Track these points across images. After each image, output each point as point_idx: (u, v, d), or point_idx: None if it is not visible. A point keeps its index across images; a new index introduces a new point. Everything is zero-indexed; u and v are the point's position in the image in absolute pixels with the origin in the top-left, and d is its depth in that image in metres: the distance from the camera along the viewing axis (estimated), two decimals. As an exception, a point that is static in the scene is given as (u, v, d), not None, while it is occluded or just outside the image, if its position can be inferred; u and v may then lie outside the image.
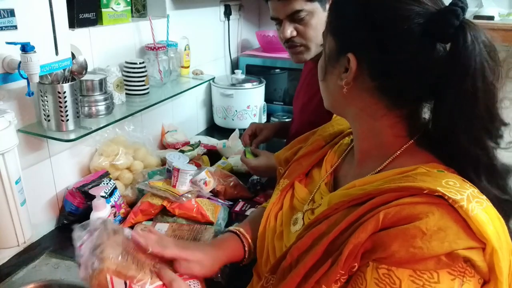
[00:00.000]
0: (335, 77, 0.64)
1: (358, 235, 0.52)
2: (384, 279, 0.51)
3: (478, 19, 1.70)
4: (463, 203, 0.50)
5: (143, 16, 1.43)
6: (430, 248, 0.48)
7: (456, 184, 0.53)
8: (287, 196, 0.80)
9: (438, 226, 0.49)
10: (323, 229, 0.58)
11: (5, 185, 0.83)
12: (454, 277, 0.49)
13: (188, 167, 1.15)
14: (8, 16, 0.82)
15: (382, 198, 0.54)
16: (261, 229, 0.79)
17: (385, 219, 0.51)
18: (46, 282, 0.92)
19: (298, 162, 0.84)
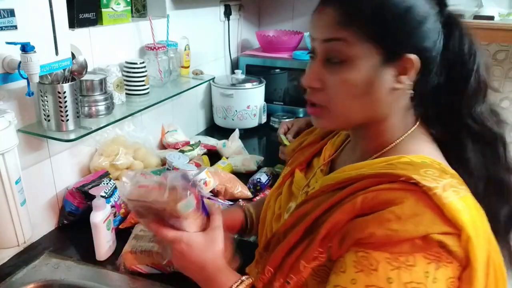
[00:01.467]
0: (387, 83, 0.61)
1: (336, 215, 0.56)
2: (362, 261, 0.54)
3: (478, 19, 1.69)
4: (437, 190, 0.52)
5: (143, 16, 1.43)
6: (404, 231, 0.51)
7: (435, 173, 0.55)
8: (287, 182, 0.83)
9: (413, 212, 0.52)
10: (308, 208, 0.62)
11: (5, 185, 0.83)
12: (430, 261, 0.52)
13: (188, 167, 1.15)
14: (8, 16, 0.82)
15: (362, 183, 0.58)
16: (262, 213, 0.84)
17: (363, 203, 0.55)
18: (46, 282, 0.92)
19: (301, 151, 0.87)
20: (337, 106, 0.63)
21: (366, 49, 0.59)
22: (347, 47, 0.59)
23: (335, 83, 0.62)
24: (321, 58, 0.63)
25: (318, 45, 0.63)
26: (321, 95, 0.64)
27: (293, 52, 1.95)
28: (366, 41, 0.59)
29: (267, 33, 2.08)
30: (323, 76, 0.63)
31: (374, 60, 0.59)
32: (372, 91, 0.61)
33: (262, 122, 1.87)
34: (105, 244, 1.00)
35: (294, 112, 1.95)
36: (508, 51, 1.97)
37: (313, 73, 0.64)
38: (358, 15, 0.59)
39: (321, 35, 0.62)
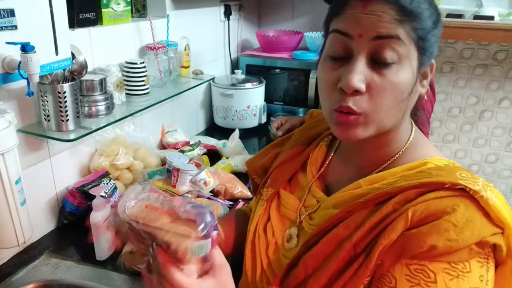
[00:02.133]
0: (419, 87, 0.61)
1: (388, 235, 0.53)
2: (417, 275, 0.52)
3: (478, 19, 1.70)
4: (483, 193, 0.52)
5: (143, 16, 1.43)
6: (464, 239, 0.50)
7: (468, 175, 0.55)
8: (273, 205, 0.75)
9: (466, 218, 0.51)
10: (343, 234, 0.57)
11: (5, 185, 0.83)
12: (482, 264, 0.52)
13: (188, 167, 1.15)
14: (8, 16, 0.82)
15: (404, 196, 0.55)
16: (249, 245, 0.74)
17: (414, 216, 0.52)
18: (46, 282, 0.92)
19: (280, 168, 0.79)
20: (380, 112, 0.57)
21: (412, 51, 0.56)
22: (400, 46, 0.55)
23: (384, 86, 0.55)
24: (367, 57, 0.56)
25: (364, 42, 0.55)
26: (363, 100, 0.56)
27: (293, 52, 1.95)
28: (412, 42, 0.56)
29: (267, 33, 2.08)
30: (369, 77, 0.55)
31: (416, 63, 0.57)
32: (411, 96, 0.59)
33: (262, 122, 1.87)
34: (105, 244, 1.00)
35: (294, 112, 1.95)
36: (508, 51, 1.97)
37: (359, 73, 0.55)
38: (413, 14, 0.55)
39: (373, 31, 0.55)
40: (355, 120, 0.57)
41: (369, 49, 0.56)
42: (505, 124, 2.10)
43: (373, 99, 0.56)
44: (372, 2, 0.55)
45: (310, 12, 2.21)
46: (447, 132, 2.21)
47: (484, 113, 2.11)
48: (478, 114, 2.11)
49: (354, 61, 0.56)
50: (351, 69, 0.55)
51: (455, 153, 2.24)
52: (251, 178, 0.92)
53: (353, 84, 0.55)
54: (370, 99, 0.56)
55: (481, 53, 2.01)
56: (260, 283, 0.70)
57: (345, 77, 0.56)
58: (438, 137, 2.24)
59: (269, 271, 0.69)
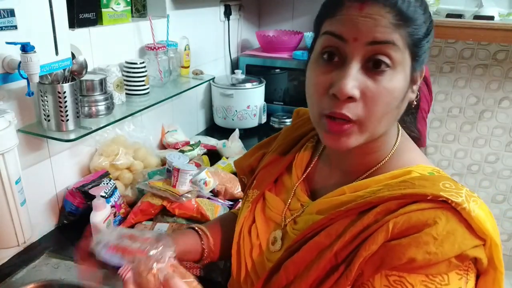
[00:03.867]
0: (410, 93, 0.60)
1: (368, 247, 0.52)
2: (396, 286, 0.51)
3: (478, 19, 1.70)
4: (465, 205, 0.51)
5: (143, 16, 1.43)
6: (443, 253, 0.50)
7: (452, 186, 0.54)
8: (258, 207, 0.74)
9: (446, 230, 0.50)
10: (324, 243, 0.57)
11: (5, 185, 0.83)
12: (461, 276, 0.52)
13: (188, 167, 1.15)
14: (8, 16, 0.82)
15: (386, 206, 0.54)
16: (234, 246, 0.73)
17: (395, 228, 0.52)
18: (46, 282, 0.92)
19: (266, 169, 0.77)
20: (374, 119, 0.55)
21: (406, 56, 0.55)
22: (395, 52, 0.53)
23: (378, 93, 0.53)
24: (361, 62, 0.54)
25: (359, 47, 0.53)
26: (357, 107, 0.54)
27: (293, 52, 1.95)
28: (407, 48, 0.54)
29: (267, 33, 2.08)
30: (363, 84, 0.53)
31: (409, 69, 0.56)
32: (403, 102, 0.58)
33: (262, 122, 1.87)
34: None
35: (294, 112, 1.95)
36: (508, 51, 1.97)
37: (353, 79, 0.53)
38: (410, 19, 0.53)
39: (369, 36, 0.52)
40: (349, 129, 0.55)
41: (364, 54, 0.53)
42: (505, 124, 2.10)
43: (367, 106, 0.54)
44: (369, 4, 0.53)
45: (310, 12, 2.21)
46: (447, 132, 2.21)
47: (484, 113, 2.11)
48: (478, 114, 2.11)
49: (347, 66, 0.54)
50: (344, 75, 0.53)
51: (455, 153, 2.24)
52: (239, 178, 0.91)
53: (347, 91, 0.52)
54: (364, 106, 0.54)
55: (481, 53, 2.01)
56: (245, 285, 0.70)
57: (338, 82, 0.53)
58: (438, 137, 2.24)
59: (252, 273, 0.69)
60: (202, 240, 0.79)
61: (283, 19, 2.25)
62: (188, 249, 0.76)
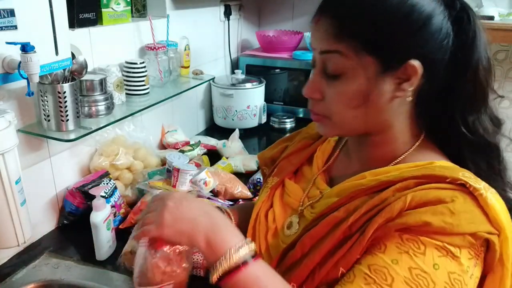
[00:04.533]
0: (387, 93, 0.59)
1: (384, 215, 0.54)
2: (407, 243, 0.52)
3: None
4: (483, 191, 0.53)
5: (143, 16, 1.43)
6: (459, 225, 0.51)
7: (471, 176, 0.56)
8: (277, 193, 0.78)
9: (463, 209, 0.52)
10: (341, 216, 0.59)
11: (5, 185, 0.83)
12: (471, 257, 0.53)
13: (188, 167, 1.16)
14: (8, 16, 0.82)
15: (404, 184, 0.56)
16: (250, 230, 0.76)
17: (412, 201, 0.53)
18: (46, 282, 0.92)
19: (288, 160, 0.82)
20: (337, 116, 0.62)
21: (362, 61, 0.57)
22: (343, 60, 0.58)
23: (333, 95, 0.61)
24: (320, 69, 0.62)
25: (317, 56, 0.62)
26: (321, 105, 0.63)
27: (293, 52, 1.95)
28: (362, 52, 0.57)
29: (267, 33, 2.08)
30: (322, 87, 0.62)
31: (371, 71, 0.58)
32: (370, 102, 0.59)
33: (262, 122, 1.87)
34: (105, 244, 1.00)
35: (294, 112, 1.95)
36: (508, 51, 1.97)
37: (312, 84, 0.63)
38: (352, 27, 0.57)
39: (318, 46, 0.61)
40: (320, 119, 0.65)
41: (320, 61, 0.62)
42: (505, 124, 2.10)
43: (327, 105, 0.62)
44: (319, 18, 0.61)
45: (310, 12, 2.18)
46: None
47: (484, 113, 2.11)
48: (478, 114, 2.11)
49: (313, 73, 0.64)
50: (308, 80, 0.64)
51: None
52: (261, 169, 0.94)
53: (305, 93, 0.64)
54: (325, 105, 0.63)
55: (481, 53, 2.01)
56: None
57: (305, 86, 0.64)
58: (438, 137, 2.23)
59: (266, 255, 0.71)
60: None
61: (283, 19, 2.25)
62: None
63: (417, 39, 0.57)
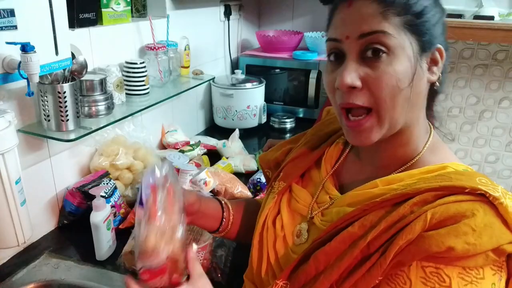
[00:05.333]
0: (425, 74, 0.60)
1: (404, 236, 0.52)
2: (432, 278, 0.51)
3: (478, 19, 1.70)
4: (502, 200, 0.52)
5: (143, 16, 1.43)
6: (482, 244, 0.50)
7: (488, 182, 0.55)
8: (284, 199, 0.75)
9: (484, 223, 0.51)
10: (357, 233, 0.57)
11: (5, 185, 0.83)
12: (495, 272, 0.52)
13: (188, 167, 1.16)
14: (8, 16, 0.82)
15: (422, 198, 0.54)
16: (257, 236, 0.74)
17: (433, 218, 0.52)
18: (46, 282, 0.92)
19: (294, 163, 0.79)
20: (384, 104, 0.57)
21: (405, 39, 0.57)
22: (387, 39, 0.56)
23: (379, 77, 0.56)
24: (356, 56, 0.58)
25: (352, 43, 0.57)
26: (364, 95, 0.58)
27: (293, 52, 1.95)
28: (404, 31, 0.56)
29: (267, 33, 2.08)
30: (363, 73, 0.57)
31: (412, 50, 0.57)
32: (414, 83, 0.58)
33: (262, 122, 1.87)
34: (105, 244, 1.00)
35: (294, 112, 1.95)
36: (508, 51, 1.97)
37: (350, 71, 0.57)
38: (397, 5, 0.56)
39: (357, 30, 0.57)
40: (367, 123, 0.59)
41: (358, 47, 0.57)
42: (505, 124, 2.10)
43: (372, 91, 0.57)
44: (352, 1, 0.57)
45: (310, 12, 2.21)
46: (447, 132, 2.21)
47: (484, 113, 2.11)
48: (478, 114, 2.11)
49: (346, 61, 0.58)
50: (343, 69, 0.58)
51: (455, 153, 2.24)
52: (263, 172, 0.92)
53: (345, 81, 0.57)
54: (369, 92, 0.57)
55: (481, 53, 2.01)
56: (266, 276, 0.70)
57: (338, 77, 0.58)
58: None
59: (275, 265, 0.69)
60: (224, 211, 0.82)
61: (283, 19, 2.25)
62: (207, 212, 0.79)
63: (442, 26, 0.60)
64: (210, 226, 0.81)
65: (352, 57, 0.58)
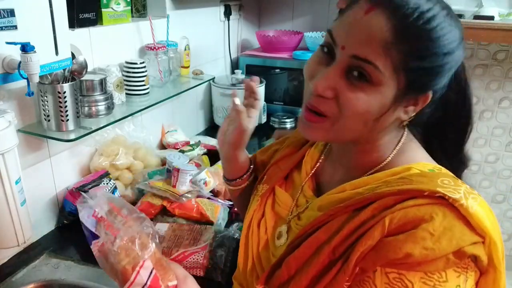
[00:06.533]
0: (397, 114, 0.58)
1: (364, 242, 0.52)
2: (396, 283, 0.51)
3: (478, 19, 1.70)
4: (463, 201, 0.51)
5: (143, 16, 1.43)
6: (441, 248, 0.50)
7: (451, 182, 0.54)
8: (268, 202, 0.75)
9: (443, 226, 0.50)
10: (323, 238, 0.57)
11: (5, 185, 0.83)
12: (459, 274, 0.51)
13: (188, 167, 1.16)
14: (8, 16, 0.82)
15: (383, 202, 0.54)
16: (243, 238, 0.75)
17: (391, 224, 0.52)
18: (46, 282, 0.92)
19: (277, 165, 0.79)
20: (344, 122, 0.57)
21: (393, 81, 0.54)
22: (375, 73, 0.53)
23: (351, 101, 0.55)
24: (342, 69, 0.55)
25: (344, 55, 0.55)
26: (330, 105, 0.56)
27: (293, 52, 1.95)
28: (397, 73, 0.53)
29: (267, 33, 2.08)
30: (339, 87, 0.55)
31: (397, 91, 0.55)
32: (382, 118, 0.57)
33: (262, 122, 1.87)
34: (105, 244, 0.99)
35: (294, 112, 1.95)
36: (508, 51, 1.97)
37: (329, 81, 0.55)
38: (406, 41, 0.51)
39: (354, 49, 0.53)
40: (318, 123, 0.58)
41: (347, 63, 0.55)
42: (505, 124, 2.10)
43: (339, 107, 0.56)
44: (376, 10, 0.52)
45: (310, 12, 2.21)
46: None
47: (484, 113, 2.11)
48: (478, 114, 2.11)
49: (331, 67, 0.56)
50: (324, 74, 0.56)
51: (455, 153, 2.24)
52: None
53: (318, 90, 0.56)
54: (336, 106, 0.56)
55: (481, 53, 2.01)
56: (250, 277, 0.71)
57: (317, 78, 0.57)
58: (438, 137, 2.23)
59: (258, 267, 0.70)
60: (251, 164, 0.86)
61: (283, 19, 2.25)
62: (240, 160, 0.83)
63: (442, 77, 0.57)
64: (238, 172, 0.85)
65: (338, 67, 0.55)
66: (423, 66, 0.54)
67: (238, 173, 0.85)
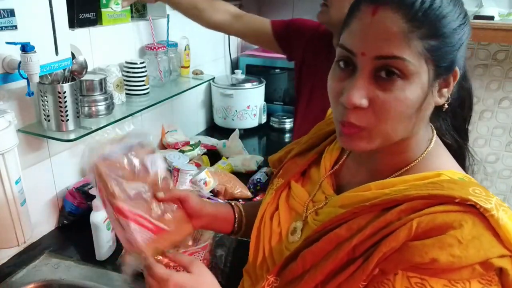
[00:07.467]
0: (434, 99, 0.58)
1: (389, 243, 0.51)
2: None
3: (478, 19, 1.70)
4: (494, 212, 0.50)
5: (143, 16, 1.43)
6: (468, 257, 0.49)
7: (482, 192, 0.53)
8: (282, 195, 0.75)
9: (472, 235, 0.49)
10: (344, 235, 0.56)
11: (5, 185, 0.83)
12: (483, 286, 0.50)
13: (188, 167, 1.16)
14: (8, 16, 0.82)
15: (411, 205, 0.53)
16: (255, 231, 0.75)
17: (419, 227, 0.51)
18: (46, 282, 0.92)
19: (293, 161, 0.79)
20: (385, 126, 0.55)
21: (423, 66, 0.53)
22: (406, 66, 0.52)
23: (388, 102, 0.53)
24: (369, 74, 0.54)
25: (367, 60, 0.54)
26: (366, 115, 0.55)
27: (293, 52, 1.94)
28: (423, 56, 0.53)
29: (267, 33, 2.08)
30: (372, 92, 0.54)
31: (428, 77, 0.54)
32: (422, 108, 0.56)
33: (262, 122, 1.87)
34: (105, 244, 1.00)
35: (294, 112, 1.95)
36: (508, 51, 1.97)
37: (360, 89, 0.54)
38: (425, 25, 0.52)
39: (375, 50, 0.53)
40: (357, 134, 0.57)
41: (373, 66, 0.54)
42: (505, 124, 2.10)
43: (377, 114, 0.54)
44: (381, 8, 0.52)
45: (310, 12, 2.20)
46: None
47: (484, 113, 2.11)
48: (478, 114, 2.11)
49: (356, 77, 0.55)
50: (352, 85, 0.54)
51: (455, 153, 2.24)
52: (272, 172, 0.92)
53: (353, 101, 0.54)
54: (374, 114, 0.55)
55: (481, 53, 2.01)
56: (260, 270, 0.71)
57: (346, 92, 0.55)
58: (438, 137, 2.23)
59: (269, 260, 0.70)
60: (235, 213, 0.83)
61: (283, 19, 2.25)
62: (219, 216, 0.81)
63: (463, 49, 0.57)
64: (225, 229, 0.83)
65: (364, 74, 0.54)
66: (443, 44, 0.54)
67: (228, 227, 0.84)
